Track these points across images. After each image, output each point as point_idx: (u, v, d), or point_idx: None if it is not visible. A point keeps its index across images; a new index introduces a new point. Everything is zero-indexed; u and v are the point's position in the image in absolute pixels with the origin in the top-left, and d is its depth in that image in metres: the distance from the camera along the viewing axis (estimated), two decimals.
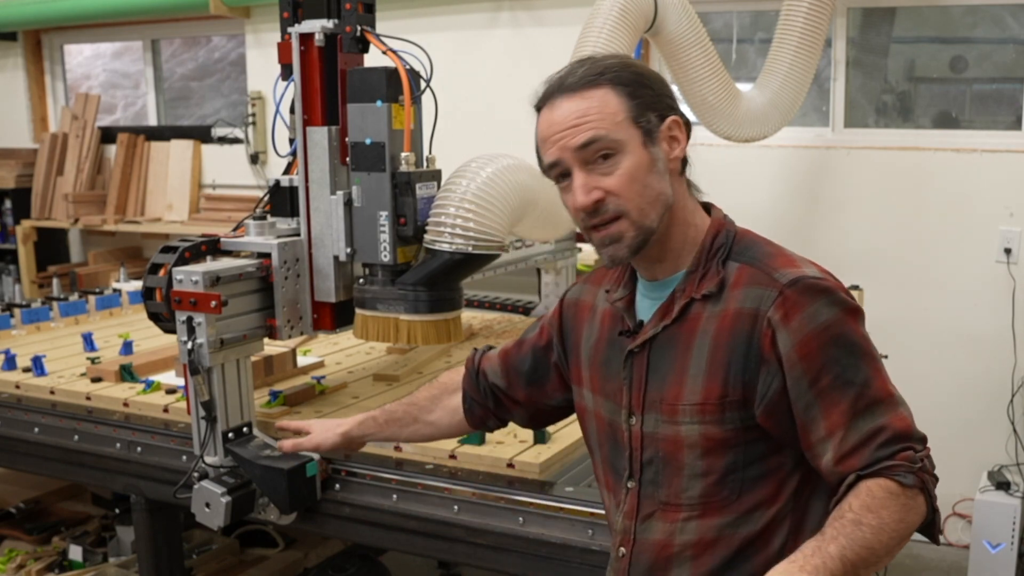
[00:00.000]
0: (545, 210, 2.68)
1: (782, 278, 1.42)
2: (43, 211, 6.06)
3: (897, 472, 1.34)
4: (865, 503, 1.33)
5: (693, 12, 3.49)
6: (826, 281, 1.43)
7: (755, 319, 1.41)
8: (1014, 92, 4.06)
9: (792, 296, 1.40)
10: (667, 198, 1.46)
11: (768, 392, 1.41)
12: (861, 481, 1.35)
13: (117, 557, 3.40)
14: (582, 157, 1.44)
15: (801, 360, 1.38)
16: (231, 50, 6.13)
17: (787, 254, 1.48)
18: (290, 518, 2.36)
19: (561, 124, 1.44)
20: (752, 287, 1.43)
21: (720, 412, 1.43)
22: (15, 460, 2.99)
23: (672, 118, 1.47)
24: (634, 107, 1.43)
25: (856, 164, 4.17)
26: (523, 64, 4.67)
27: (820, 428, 1.39)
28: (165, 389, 2.82)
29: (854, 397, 1.38)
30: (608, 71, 1.45)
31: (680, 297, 1.48)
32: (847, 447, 1.37)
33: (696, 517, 1.47)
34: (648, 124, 1.44)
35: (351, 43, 2.40)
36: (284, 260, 2.43)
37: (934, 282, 4.06)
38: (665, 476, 1.49)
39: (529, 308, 3.94)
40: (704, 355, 1.44)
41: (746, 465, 1.45)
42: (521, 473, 2.25)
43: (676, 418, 1.46)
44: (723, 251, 1.48)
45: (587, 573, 2.07)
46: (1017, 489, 3.71)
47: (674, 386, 1.47)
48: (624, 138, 1.43)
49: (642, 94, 1.44)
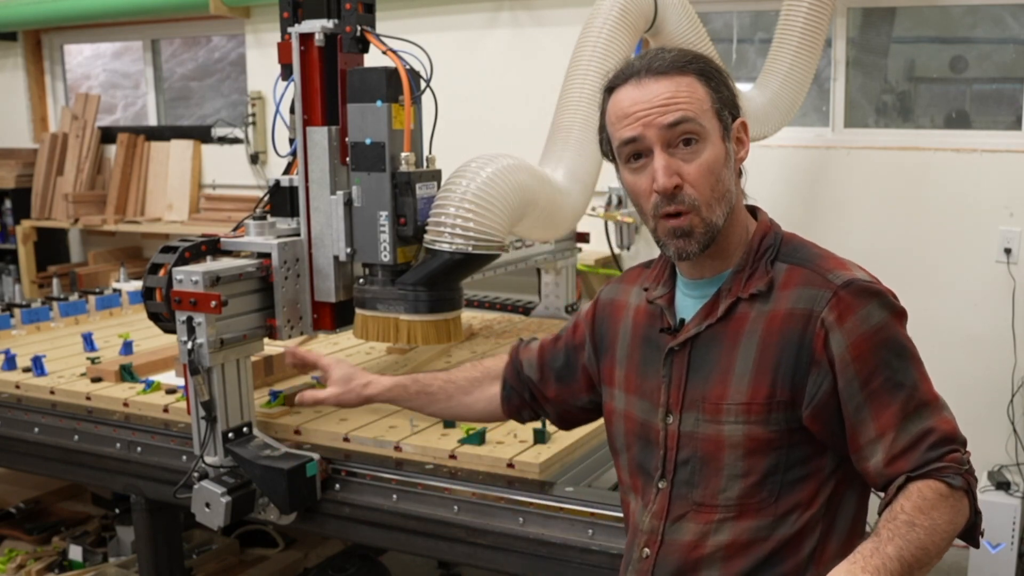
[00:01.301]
0: (545, 210, 2.68)
1: (836, 279, 1.43)
2: (43, 211, 6.06)
3: (946, 474, 1.36)
4: (917, 504, 1.34)
5: (693, 12, 3.49)
6: (877, 284, 1.45)
7: (808, 320, 1.41)
8: (1014, 92, 4.06)
9: (846, 298, 1.41)
10: (732, 196, 1.48)
11: (818, 393, 1.41)
12: (911, 483, 1.36)
13: (117, 557, 3.40)
14: (667, 137, 1.42)
15: (854, 361, 1.39)
16: (231, 50, 6.12)
17: (837, 257, 1.50)
18: (290, 518, 2.36)
19: (649, 102, 1.43)
20: (805, 288, 1.43)
21: (766, 412, 1.43)
22: (15, 460, 2.99)
23: (742, 120, 1.50)
24: (717, 100, 1.45)
25: (856, 164, 4.17)
26: (523, 64, 4.67)
27: (870, 430, 1.39)
28: (165, 389, 2.82)
29: (904, 399, 1.39)
30: (696, 61, 1.46)
31: (726, 296, 1.48)
32: (897, 449, 1.38)
33: (732, 519, 1.46)
34: (726, 120, 1.47)
35: (351, 43, 2.40)
36: (284, 260, 2.43)
37: (934, 282, 4.06)
38: (702, 476, 1.48)
39: (529, 308, 3.94)
40: (751, 355, 1.44)
41: (788, 467, 1.44)
42: (521, 473, 2.25)
43: (719, 417, 1.46)
44: (771, 252, 1.49)
45: (587, 573, 2.07)
46: (1017, 489, 3.71)
47: (718, 385, 1.46)
48: (709, 127, 1.44)
49: (723, 90, 1.47)
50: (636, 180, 1.47)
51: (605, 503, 2.09)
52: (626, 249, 4.42)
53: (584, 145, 2.91)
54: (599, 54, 3.04)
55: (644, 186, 1.46)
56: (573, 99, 2.97)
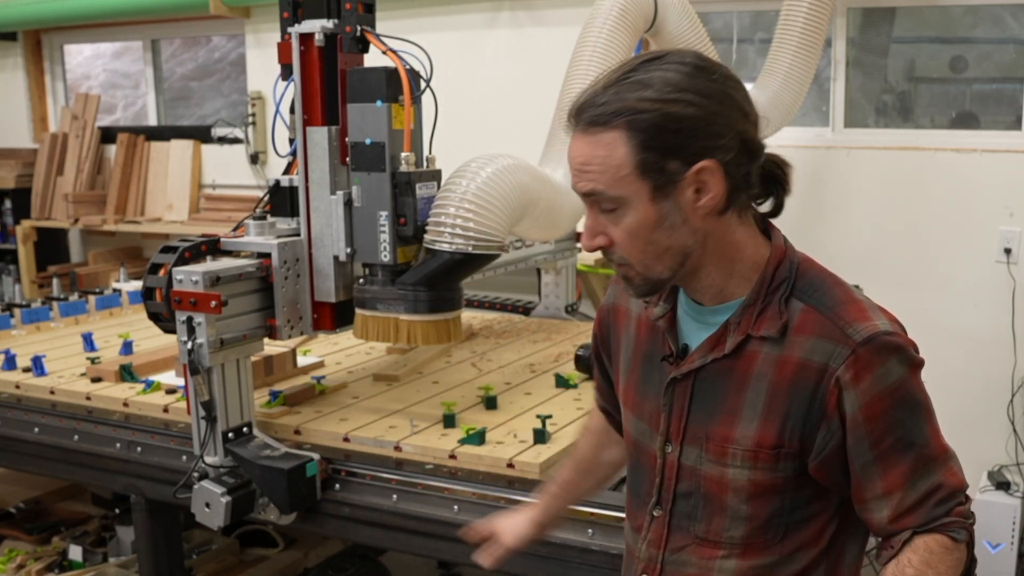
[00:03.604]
0: (545, 210, 2.68)
1: (855, 335, 1.33)
2: (43, 211, 6.05)
3: (952, 528, 1.35)
4: (924, 559, 1.33)
5: (693, 12, 3.49)
6: (898, 336, 1.35)
7: (822, 375, 1.34)
8: (1014, 92, 4.05)
9: (864, 356, 1.32)
10: (680, 249, 1.34)
11: (826, 448, 1.36)
12: (917, 536, 1.35)
13: (117, 557, 3.40)
14: (587, 201, 1.35)
15: (866, 422, 1.33)
16: (231, 50, 6.12)
17: (858, 301, 1.38)
18: (290, 518, 2.36)
19: (571, 161, 1.35)
20: (821, 340, 1.34)
21: (774, 461, 1.38)
22: (15, 460, 2.99)
23: (701, 165, 1.28)
24: (646, 158, 1.28)
25: (856, 164, 4.17)
26: (523, 64, 4.67)
27: (877, 487, 1.36)
28: (165, 389, 2.82)
29: (915, 458, 1.35)
30: (626, 111, 1.28)
31: (735, 331, 1.38)
32: (904, 507, 1.35)
33: (736, 556, 1.42)
34: (660, 177, 1.29)
35: (351, 43, 2.40)
36: (284, 260, 2.43)
37: (934, 282, 4.06)
38: (705, 513, 1.43)
39: (529, 308, 3.94)
40: (760, 399, 1.37)
41: (792, 509, 1.41)
42: (521, 473, 2.25)
43: (724, 460, 1.40)
44: (786, 286, 1.38)
45: (587, 573, 2.08)
46: (1017, 489, 3.71)
47: (723, 425, 1.40)
48: (626, 194, 1.30)
49: (661, 141, 1.28)
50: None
51: (605, 503, 2.09)
52: None
53: None
54: (599, 54, 3.04)
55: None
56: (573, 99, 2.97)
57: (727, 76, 1.33)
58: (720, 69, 1.33)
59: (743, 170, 1.33)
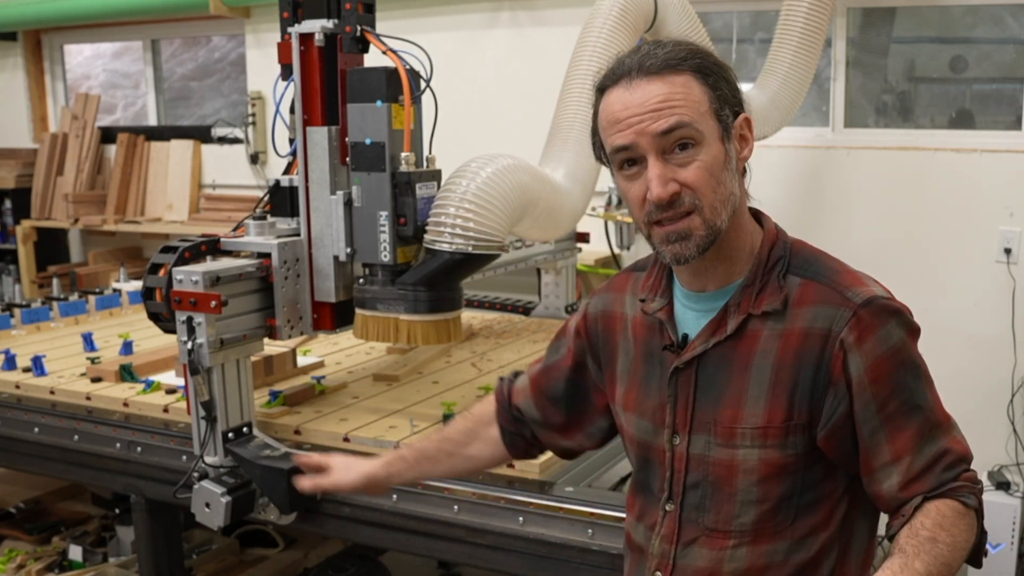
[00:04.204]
0: (545, 210, 2.68)
1: (855, 297, 1.37)
2: (43, 211, 6.05)
3: (962, 493, 1.35)
4: (937, 521, 1.32)
5: (693, 12, 3.49)
6: (895, 301, 1.40)
7: (826, 340, 1.36)
8: (1014, 92, 4.05)
9: (866, 317, 1.35)
10: (735, 199, 1.39)
11: (834, 415, 1.37)
12: (927, 502, 1.35)
13: (117, 557, 3.40)
14: (661, 144, 1.34)
15: (872, 384, 1.35)
16: (231, 50, 6.12)
17: (852, 270, 1.43)
18: (290, 518, 2.36)
19: (641, 107, 1.34)
20: (823, 306, 1.37)
21: (784, 436, 1.38)
22: (15, 460, 2.99)
23: (744, 116, 1.41)
24: (716, 99, 1.36)
25: (856, 164, 4.17)
26: (523, 64, 4.67)
27: (885, 453, 1.36)
28: (165, 389, 2.82)
29: (921, 422, 1.36)
30: (692, 56, 1.36)
31: (735, 312, 1.40)
32: (914, 472, 1.36)
33: (747, 544, 1.42)
34: (726, 119, 1.37)
35: (351, 43, 2.40)
36: (284, 260, 2.43)
37: (934, 282, 4.06)
38: (714, 501, 1.43)
39: (529, 308, 3.94)
40: (766, 376, 1.38)
41: (802, 491, 1.41)
42: (521, 473, 2.25)
43: (733, 441, 1.40)
44: (782, 264, 1.41)
45: (587, 573, 2.08)
46: (1017, 489, 3.71)
47: (730, 408, 1.40)
48: (706, 129, 1.35)
49: (722, 87, 1.37)
50: (630, 187, 1.39)
51: (605, 503, 2.09)
52: (626, 249, 4.42)
53: (584, 145, 2.90)
54: (599, 54, 3.04)
55: (638, 193, 1.38)
56: (573, 99, 2.97)
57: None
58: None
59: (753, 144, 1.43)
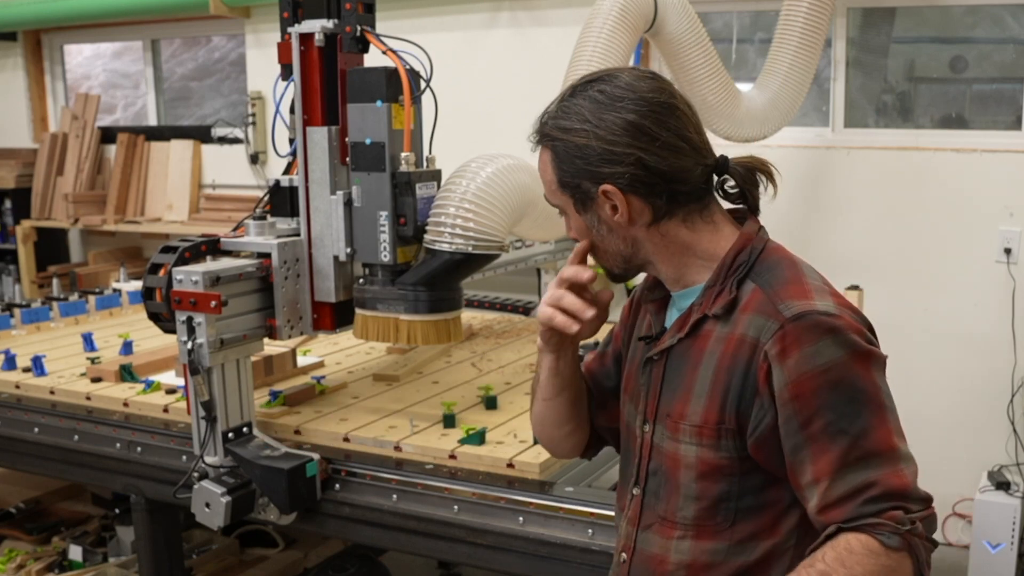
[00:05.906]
0: (545, 210, 2.67)
1: (786, 311, 1.34)
2: (43, 211, 6.05)
3: (880, 531, 1.27)
4: (839, 556, 1.28)
5: (693, 12, 3.49)
6: (838, 319, 1.33)
7: (755, 349, 1.36)
8: (1014, 92, 4.05)
9: (792, 332, 1.32)
10: (616, 252, 1.48)
11: (760, 426, 1.36)
12: (841, 533, 1.30)
13: (117, 557, 3.40)
14: None
15: (793, 400, 1.32)
16: (231, 50, 6.12)
17: (804, 282, 1.40)
18: (290, 518, 2.36)
19: None
20: (757, 315, 1.37)
21: (716, 438, 1.39)
22: (15, 460, 2.99)
23: (602, 188, 1.40)
24: (562, 177, 1.45)
25: (856, 164, 4.17)
26: (523, 64, 4.67)
27: (807, 472, 1.33)
28: (165, 389, 2.82)
29: (846, 447, 1.30)
30: (547, 137, 1.45)
31: (696, 311, 1.44)
32: (831, 498, 1.31)
33: (690, 537, 1.44)
34: (578, 192, 1.44)
35: (351, 43, 2.40)
36: (284, 260, 2.43)
37: (934, 282, 4.06)
38: (665, 491, 1.47)
39: (529, 308, 3.94)
40: (708, 376, 1.41)
41: (740, 495, 1.40)
42: (521, 473, 2.25)
43: (677, 436, 1.44)
44: (743, 269, 1.42)
45: (587, 573, 2.08)
46: (1017, 489, 3.71)
47: (679, 403, 1.44)
48: (561, 203, 1.49)
49: (570, 165, 1.43)
50: None
51: (605, 503, 2.09)
52: None
53: None
54: (599, 54, 3.04)
55: None
56: None
57: (642, 104, 1.39)
58: (634, 97, 1.39)
59: (663, 189, 1.40)
